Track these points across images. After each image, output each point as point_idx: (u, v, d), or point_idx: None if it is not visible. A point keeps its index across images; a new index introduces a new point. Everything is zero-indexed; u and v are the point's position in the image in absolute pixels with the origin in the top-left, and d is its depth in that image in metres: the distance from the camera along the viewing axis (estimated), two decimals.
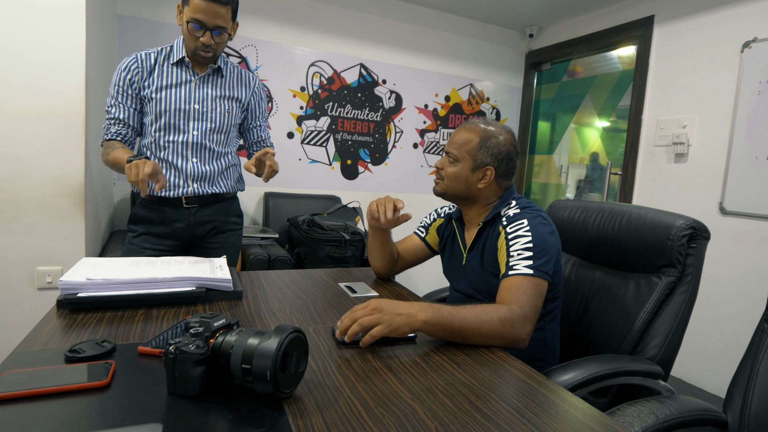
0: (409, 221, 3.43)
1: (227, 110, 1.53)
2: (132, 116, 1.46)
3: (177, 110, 1.45)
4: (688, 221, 1.15)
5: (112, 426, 0.54)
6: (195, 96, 1.47)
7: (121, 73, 1.44)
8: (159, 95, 1.44)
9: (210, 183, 1.52)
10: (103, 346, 0.73)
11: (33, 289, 1.77)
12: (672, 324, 1.13)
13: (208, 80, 1.50)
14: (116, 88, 1.44)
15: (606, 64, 3.37)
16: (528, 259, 1.03)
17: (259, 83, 1.64)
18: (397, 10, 3.32)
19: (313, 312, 1.03)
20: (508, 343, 0.94)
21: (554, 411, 0.67)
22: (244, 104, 1.59)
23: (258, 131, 1.66)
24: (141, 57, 1.45)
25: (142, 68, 1.44)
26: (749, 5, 2.36)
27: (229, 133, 1.56)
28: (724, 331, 2.40)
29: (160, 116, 1.44)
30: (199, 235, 1.55)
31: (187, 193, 1.48)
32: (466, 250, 1.24)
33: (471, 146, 1.17)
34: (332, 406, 0.63)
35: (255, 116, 1.63)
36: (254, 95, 1.61)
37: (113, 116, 1.45)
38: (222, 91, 1.52)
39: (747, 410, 0.89)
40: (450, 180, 1.19)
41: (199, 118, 1.47)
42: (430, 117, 3.56)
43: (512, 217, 1.12)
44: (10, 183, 1.68)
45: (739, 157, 2.35)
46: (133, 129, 1.48)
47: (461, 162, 1.18)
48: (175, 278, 1.02)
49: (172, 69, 1.46)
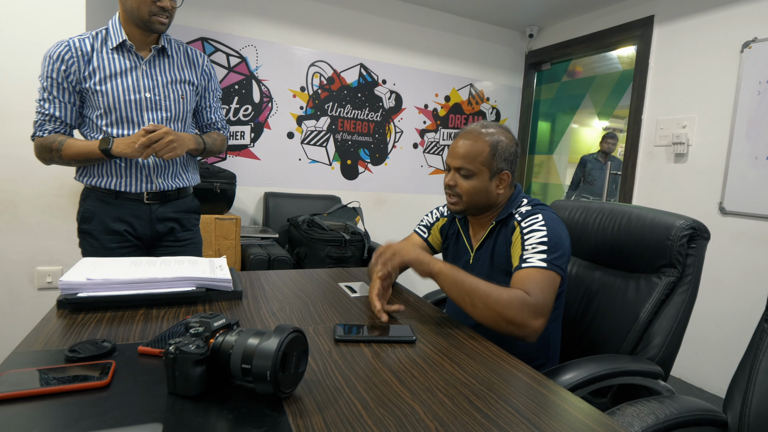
0: (409, 220, 3.44)
1: (181, 96, 1.42)
2: (69, 113, 1.34)
3: (127, 102, 1.33)
4: (688, 221, 1.15)
5: (112, 426, 0.54)
6: (144, 84, 1.36)
7: (53, 63, 1.29)
8: (104, 87, 1.31)
9: (173, 176, 1.44)
10: (103, 346, 0.73)
11: (33, 289, 1.77)
12: (672, 324, 1.13)
13: (154, 64, 1.38)
14: (49, 80, 1.30)
15: (606, 64, 3.37)
16: (542, 252, 1.03)
17: (208, 60, 1.53)
18: (397, 10, 3.32)
19: (313, 312, 1.03)
20: (513, 327, 0.94)
21: (554, 411, 0.67)
22: (197, 86, 1.48)
23: (208, 113, 1.55)
24: (74, 44, 1.30)
25: (78, 57, 1.30)
26: (749, 5, 2.36)
27: (186, 120, 1.46)
28: (724, 331, 2.40)
29: (111, 111, 1.33)
30: (161, 233, 1.45)
31: (150, 188, 1.40)
32: (473, 249, 1.24)
33: (484, 157, 1.14)
34: (332, 406, 0.63)
35: (205, 97, 1.53)
36: (204, 74, 1.50)
37: (48, 113, 1.32)
38: (172, 75, 1.41)
39: (747, 410, 0.89)
40: (469, 195, 1.16)
41: (152, 107, 1.37)
42: (430, 117, 3.56)
43: (525, 213, 1.14)
44: (10, 183, 1.68)
45: (739, 157, 2.35)
46: (70, 127, 1.37)
47: (478, 175, 1.15)
48: (175, 278, 1.02)
49: (113, 55, 1.33)
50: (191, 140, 1.39)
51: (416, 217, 3.52)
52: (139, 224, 1.41)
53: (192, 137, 1.40)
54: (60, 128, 1.35)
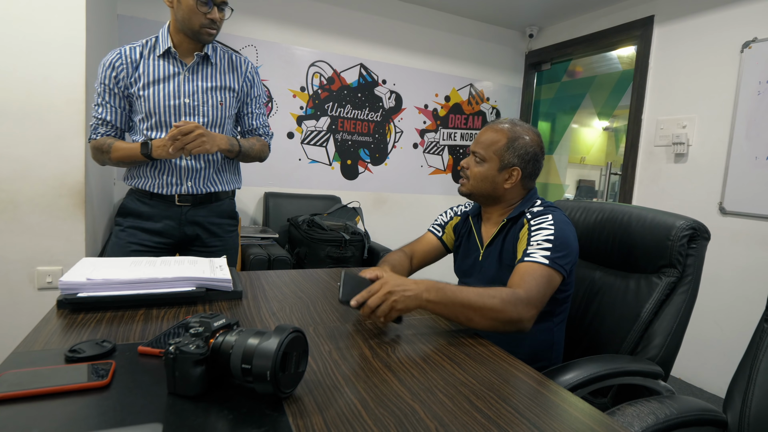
0: (409, 220, 3.44)
1: (219, 102, 1.45)
2: (120, 117, 1.43)
3: (167, 107, 1.39)
4: (688, 221, 1.15)
5: (112, 426, 0.54)
6: (184, 90, 1.41)
7: (105, 70, 1.38)
8: (147, 92, 1.38)
9: (204, 181, 1.47)
10: (103, 346, 0.73)
11: (33, 289, 1.77)
12: (672, 324, 1.13)
13: (197, 71, 1.43)
14: (102, 87, 1.39)
15: (606, 64, 3.37)
16: (546, 249, 1.04)
17: (252, 66, 1.56)
18: (397, 10, 3.32)
19: (313, 312, 1.03)
20: (510, 324, 0.94)
21: (554, 411, 0.67)
22: (238, 93, 1.51)
23: (249, 119, 1.57)
24: (125, 52, 1.38)
25: (127, 64, 1.38)
26: (749, 5, 2.36)
27: (224, 126, 1.49)
28: (724, 331, 2.40)
29: (151, 115, 1.39)
30: (190, 236, 1.49)
31: (181, 191, 1.44)
32: (483, 246, 1.24)
33: (498, 146, 1.16)
34: (332, 406, 0.63)
35: (247, 103, 1.55)
36: (246, 81, 1.53)
37: (101, 117, 1.41)
38: (213, 82, 1.45)
39: (747, 410, 0.89)
40: (476, 180, 1.19)
41: (190, 113, 1.41)
42: (430, 117, 3.56)
43: (537, 213, 1.14)
44: (10, 183, 1.68)
45: (739, 157, 2.35)
46: (121, 130, 1.45)
47: (488, 162, 1.17)
48: (175, 278, 1.02)
49: (159, 62, 1.39)
50: (224, 140, 1.40)
51: (416, 217, 3.52)
52: (170, 225, 1.46)
53: (225, 138, 1.41)
54: (111, 132, 1.43)
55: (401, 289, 0.91)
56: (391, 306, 0.89)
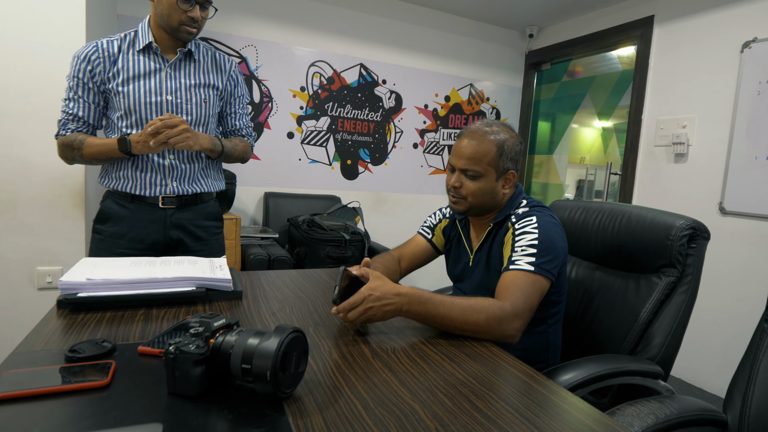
0: (409, 220, 3.44)
1: (203, 100, 1.40)
2: (92, 114, 1.35)
3: (147, 104, 1.32)
4: (688, 221, 1.15)
5: (112, 426, 0.54)
6: (166, 86, 1.34)
7: (80, 63, 1.30)
8: (126, 89, 1.31)
9: (190, 181, 1.41)
10: (103, 346, 0.73)
11: (33, 289, 1.77)
12: (672, 324, 1.13)
13: (179, 67, 1.37)
14: (75, 80, 1.31)
15: (606, 64, 3.37)
16: (531, 256, 1.02)
17: (236, 66, 1.51)
18: (397, 10, 3.32)
19: (313, 312, 1.03)
20: (495, 339, 0.94)
21: (554, 411, 0.67)
22: (221, 91, 1.46)
23: (233, 119, 1.52)
24: (102, 45, 1.31)
25: (104, 58, 1.30)
26: (749, 5, 2.36)
27: (208, 124, 1.44)
28: (724, 331, 2.40)
29: (130, 112, 1.32)
30: (175, 240, 1.42)
31: (166, 192, 1.37)
32: (473, 251, 1.23)
33: (490, 157, 1.11)
34: (332, 406, 0.63)
35: (230, 103, 1.50)
36: (230, 80, 1.48)
37: (72, 113, 1.33)
38: (196, 79, 1.39)
39: (747, 410, 0.89)
40: (476, 197, 1.14)
41: (172, 110, 1.35)
42: (430, 117, 3.56)
43: (521, 215, 1.13)
44: (10, 183, 1.68)
45: (739, 157, 2.35)
46: (93, 127, 1.37)
47: (486, 176, 1.12)
48: (175, 278, 1.02)
49: (139, 57, 1.33)
50: (207, 140, 1.36)
51: (416, 217, 3.52)
52: (153, 230, 1.38)
53: (208, 137, 1.37)
54: (82, 128, 1.35)
55: (381, 304, 0.90)
56: (368, 319, 0.91)
